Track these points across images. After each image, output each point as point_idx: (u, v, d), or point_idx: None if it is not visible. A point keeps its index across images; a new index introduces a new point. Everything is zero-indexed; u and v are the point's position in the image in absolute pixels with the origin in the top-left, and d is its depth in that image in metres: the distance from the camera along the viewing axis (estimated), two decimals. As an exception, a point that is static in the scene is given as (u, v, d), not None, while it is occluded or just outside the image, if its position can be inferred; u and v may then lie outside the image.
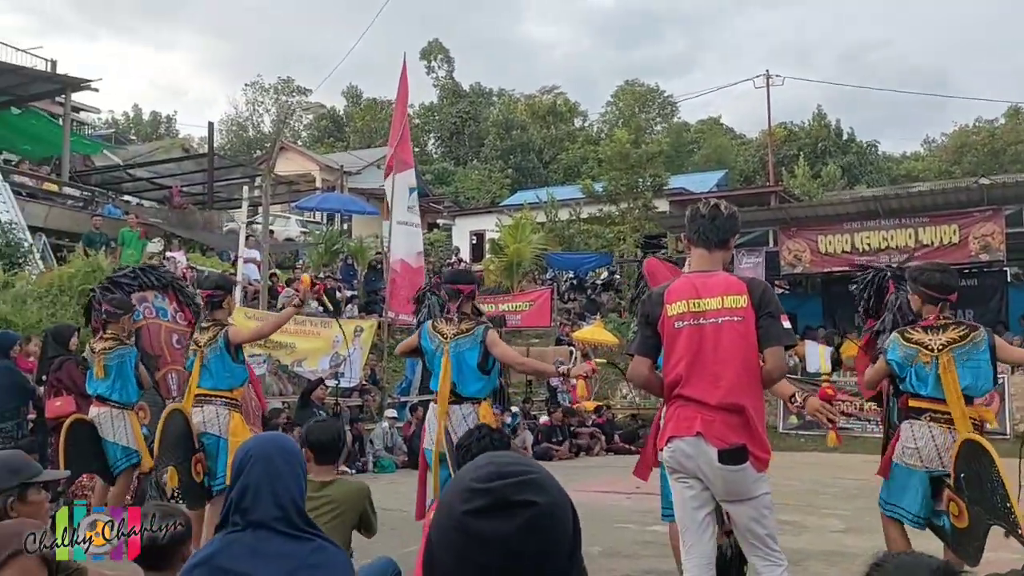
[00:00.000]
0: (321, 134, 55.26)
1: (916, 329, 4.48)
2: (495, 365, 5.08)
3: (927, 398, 4.35)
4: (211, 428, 5.60)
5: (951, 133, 52.51)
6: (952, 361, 4.27)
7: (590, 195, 28.63)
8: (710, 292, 3.30)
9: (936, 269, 4.56)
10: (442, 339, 5.04)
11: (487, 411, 5.01)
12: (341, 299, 18.90)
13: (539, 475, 1.17)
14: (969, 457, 4.14)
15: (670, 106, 55.73)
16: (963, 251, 16.95)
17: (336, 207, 27.73)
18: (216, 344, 5.63)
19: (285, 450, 2.30)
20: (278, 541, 2.15)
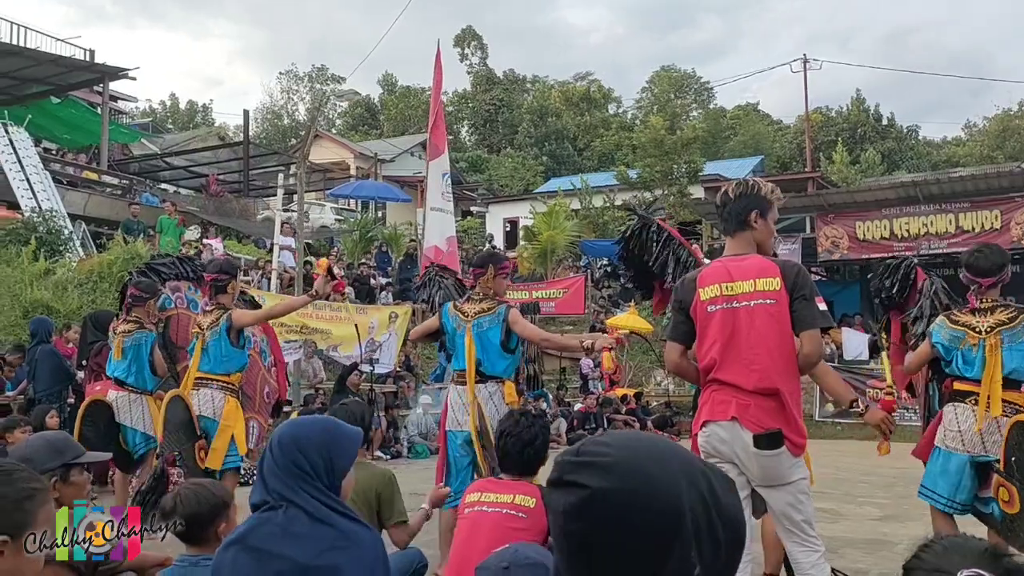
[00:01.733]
0: (355, 122, 55.53)
1: (963, 312, 4.43)
2: (518, 343, 5.05)
3: (973, 380, 4.29)
4: (205, 411, 5.66)
5: (993, 117, 51.46)
6: (999, 343, 4.21)
7: (624, 182, 28.47)
8: (743, 275, 3.25)
9: (974, 250, 4.48)
10: (463, 318, 5.02)
11: (511, 390, 4.98)
12: (376, 286, 19.01)
13: (612, 459, 1.10)
14: (1022, 438, 4.05)
15: (706, 92, 55.24)
16: (1005, 237, 16.60)
17: (370, 195, 27.83)
18: (217, 327, 5.67)
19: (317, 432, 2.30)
20: (308, 521, 2.16)
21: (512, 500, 3.26)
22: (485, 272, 5.15)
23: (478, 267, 5.24)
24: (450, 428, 5.07)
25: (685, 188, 26.75)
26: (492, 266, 5.17)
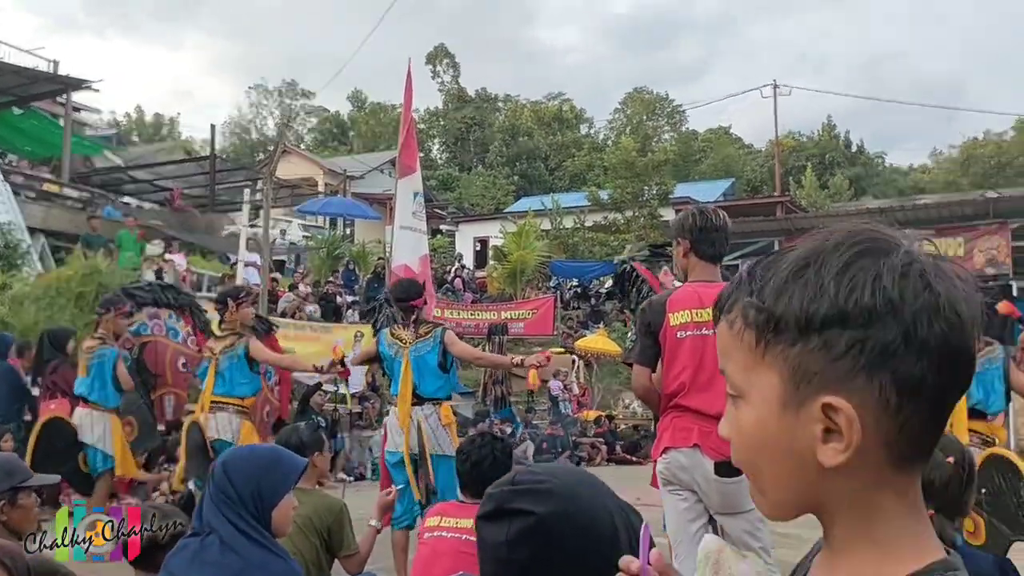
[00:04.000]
0: (325, 138, 55.30)
1: None
2: (453, 364, 5.26)
3: None
4: (224, 435, 5.68)
5: (959, 146, 52.37)
6: None
7: (595, 203, 28.51)
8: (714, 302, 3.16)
9: None
10: (401, 345, 5.18)
11: (447, 411, 5.15)
12: (342, 304, 18.79)
13: (552, 484, 1.15)
14: (994, 472, 4.07)
15: (679, 114, 55.67)
16: (968, 264, 16.75)
17: (339, 212, 27.62)
18: (234, 352, 5.74)
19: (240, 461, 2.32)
20: (219, 550, 2.13)
21: (471, 525, 3.17)
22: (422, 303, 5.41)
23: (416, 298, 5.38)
24: (389, 449, 5.20)
25: (656, 210, 26.84)
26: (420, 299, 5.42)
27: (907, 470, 0.77)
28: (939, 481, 1.87)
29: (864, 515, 0.78)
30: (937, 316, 0.72)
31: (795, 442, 0.77)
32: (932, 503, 1.83)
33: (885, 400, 0.73)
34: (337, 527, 3.67)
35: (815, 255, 0.76)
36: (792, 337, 0.75)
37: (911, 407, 0.73)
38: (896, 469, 0.77)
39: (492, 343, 18.06)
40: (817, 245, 0.78)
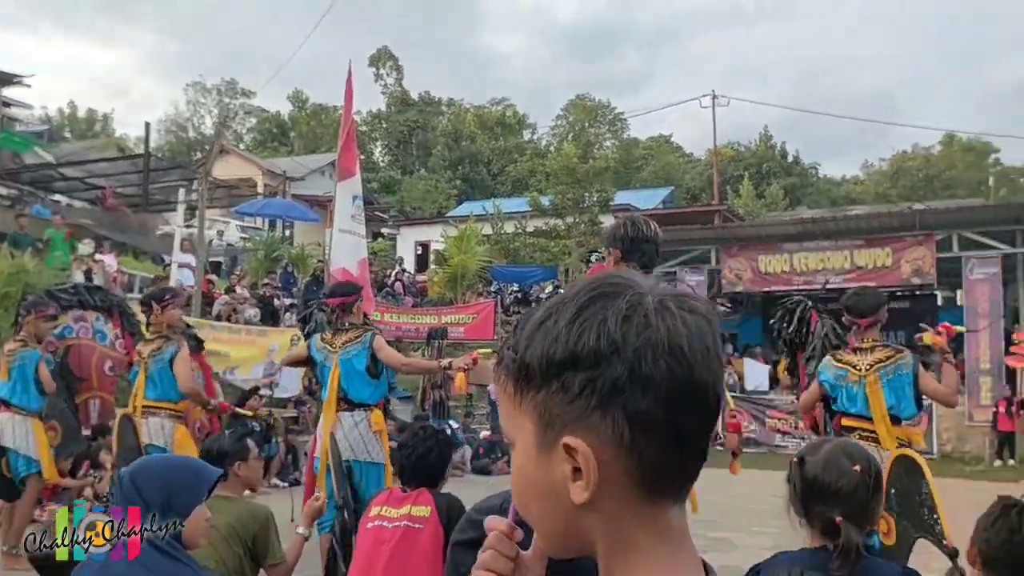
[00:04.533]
0: (265, 138, 54.54)
1: (846, 351, 4.65)
2: (384, 370, 5.23)
3: (856, 416, 4.49)
4: (156, 440, 5.58)
5: (890, 159, 53.97)
6: (878, 380, 4.42)
7: (537, 208, 28.68)
8: None
9: (853, 293, 4.72)
10: (331, 350, 5.18)
11: (379, 418, 5.13)
12: (280, 307, 18.56)
13: None
14: (902, 472, 4.23)
15: (620, 122, 56.27)
16: (895, 274, 17.30)
17: (278, 213, 27.26)
18: (161, 355, 5.63)
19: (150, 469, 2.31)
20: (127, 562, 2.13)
21: (408, 512, 3.27)
22: (356, 299, 5.36)
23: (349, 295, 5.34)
24: (317, 455, 5.19)
25: (596, 217, 27.10)
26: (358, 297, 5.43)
27: (659, 503, 0.80)
28: (846, 488, 1.95)
29: (619, 548, 0.81)
30: (659, 353, 0.76)
31: (552, 484, 0.80)
32: (839, 510, 1.91)
33: (619, 435, 0.76)
34: (262, 535, 3.61)
35: (557, 304, 0.81)
36: (538, 383, 0.79)
37: (645, 440, 0.76)
38: (648, 502, 0.79)
39: (432, 347, 18.02)
40: (563, 294, 0.83)
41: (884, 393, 4.38)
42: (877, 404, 4.37)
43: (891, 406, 4.37)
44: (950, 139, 50.85)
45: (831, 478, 1.96)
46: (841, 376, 4.54)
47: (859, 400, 4.45)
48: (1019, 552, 1.92)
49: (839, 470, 1.96)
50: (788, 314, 5.42)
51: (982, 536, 2.00)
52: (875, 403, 4.38)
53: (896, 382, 4.38)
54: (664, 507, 0.81)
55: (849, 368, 4.52)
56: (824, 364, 4.69)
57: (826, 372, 4.63)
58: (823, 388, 4.64)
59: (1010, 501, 2.01)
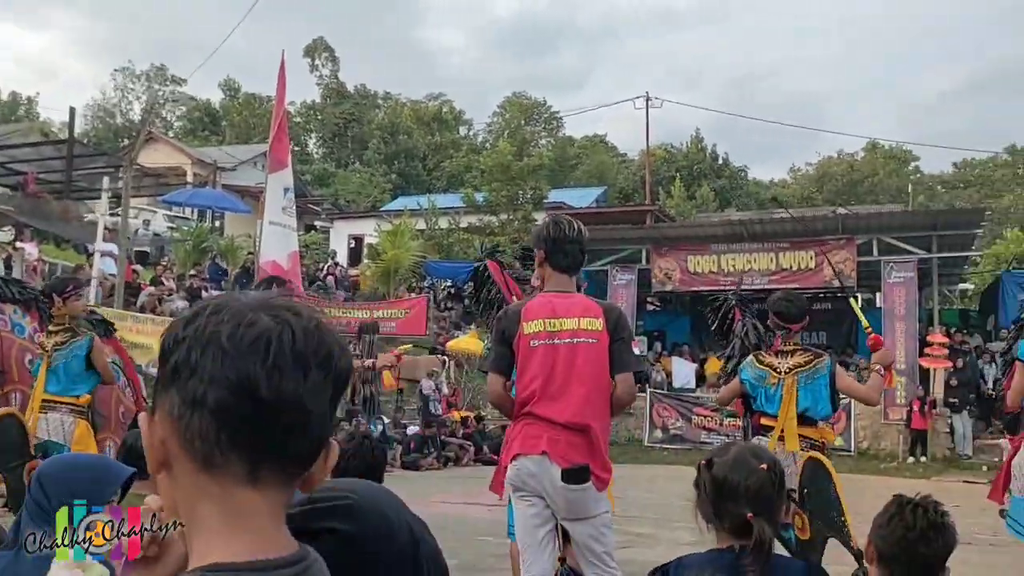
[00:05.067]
0: (195, 126, 53.35)
1: (769, 353, 4.77)
2: None
3: (773, 416, 4.61)
4: (55, 436, 5.43)
5: (816, 163, 55.36)
6: (795, 383, 4.54)
7: (471, 205, 28.70)
8: (567, 313, 3.32)
9: (783, 298, 4.78)
10: None
11: None
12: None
13: (354, 500, 1.15)
14: (812, 473, 4.37)
15: (556, 121, 56.58)
16: (818, 276, 17.81)
17: (207, 203, 26.79)
18: (70, 349, 5.47)
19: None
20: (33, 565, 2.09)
21: None
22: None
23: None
24: None
25: (529, 214, 27.24)
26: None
27: (221, 479, 0.88)
28: (755, 486, 2.02)
29: (188, 517, 0.92)
30: (202, 344, 0.86)
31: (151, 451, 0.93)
32: (749, 507, 1.99)
33: (175, 412, 0.88)
34: None
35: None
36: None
37: (194, 418, 0.86)
38: (209, 477, 0.88)
39: (363, 342, 17.89)
40: None
41: (799, 396, 4.52)
42: (789, 407, 4.51)
43: (807, 408, 4.51)
44: (873, 147, 52.46)
45: (740, 477, 2.01)
46: (761, 377, 4.67)
47: (776, 401, 4.59)
48: (914, 549, 2.00)
49: (748, 469, 2.03)
50: (714, 311, 5.59)
51: (879, 534, 2.07)
52: (786, 405, 4.52)
53: (814, 385, 4.53)
54: (229, 484, 0.88)
55: (770, 370, 4.64)
56: (746, 363, 4.81)
57: (747, 372, 4.75)
58: (743, 386, 4.76)
59: (904, 499, 2.08)
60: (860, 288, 19.80)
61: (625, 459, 15.52)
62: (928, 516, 2.03)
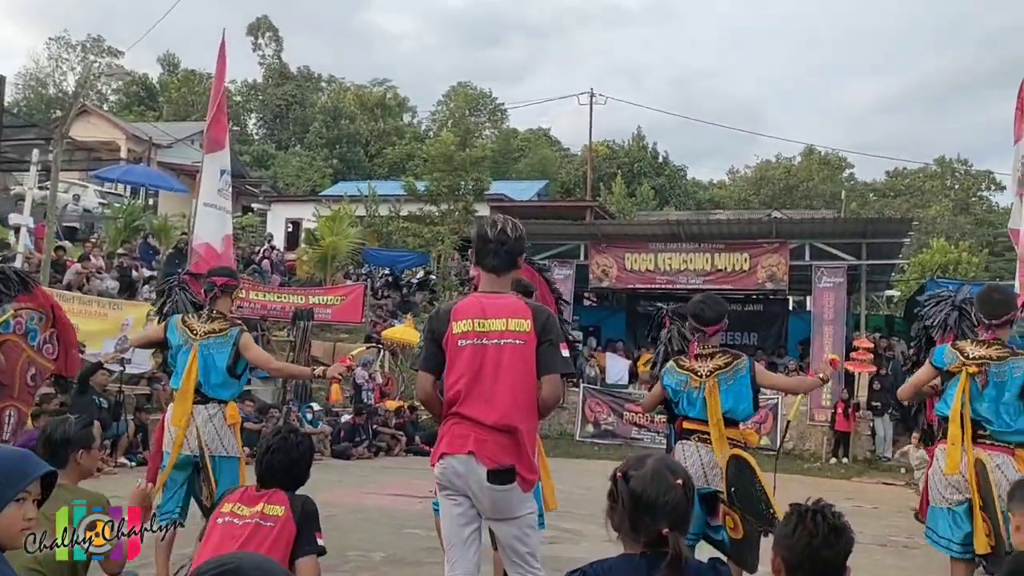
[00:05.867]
0: (131, 100, 51.91)
1: (689, 357, 4.82)
2: (246, 369, 5.04)
3: (695, 420, 4.67)
4: None
5: (754, 166, 56.37)
6: (716, 386, 4.60)
7: (412, 193, 28.53)
8: (496, 313, 3.34)
9: (700, 301, 4.86)
10: (191, 335, 4.92)
11: (234, 411, 4.96)
12: (138, 279, 17.81)
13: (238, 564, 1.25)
14: (737, 471, 4.44)
15: (500, 112, 56.56)
16: (751, 278, 18.16)
17: (141, 181, 26.15)
18: None
19: None
20: None
21: (261, 510, 3.26)
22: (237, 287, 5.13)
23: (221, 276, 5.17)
24: (166, 448, 4.94)
25: (470, 205, 27.20)
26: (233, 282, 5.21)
27: None
28: (672, 502, 2.05)
29: None
30: None
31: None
32: (666, 521, 2.03)
33: None
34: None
35: None
36: None
37: None
38: None
39: (297, 328, 17.71)
40: None
41: (721, 398, 4.59)
42: (713, 409, 4.57)
43: (729, 409, 4.59)
44: (810, 152, 53.63)
45: (659, 492, 2.04)
46: (682, 381, 4.71)
47: (698, 404, 4.63)
48: (820, 556, 2.03)
49: (666, 484, 2.05)
50: (649, 320, 5.71)
51: (783, 544, 2.08)
52: (711, 407, 4.58)
53: (735, 387, 4.61)
54: None
55: (690, 374, 4.70)
56: (668, 369, 4.86)
57: (669, 377, 4.80)
58: (666, 392, 4.81)
59: (803, 507, 2.10)
60: (792, 292, 20.27)
61: (556, 453, 15.62)
62: (828, 521, 2.06)
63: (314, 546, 3.25)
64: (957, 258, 31.00)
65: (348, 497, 9.59)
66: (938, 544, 4.57)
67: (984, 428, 4.42)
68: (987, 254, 36.25)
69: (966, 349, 4.53)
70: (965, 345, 4.58)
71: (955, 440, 4.41)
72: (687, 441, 4.67)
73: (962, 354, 4.51)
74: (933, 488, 4.62)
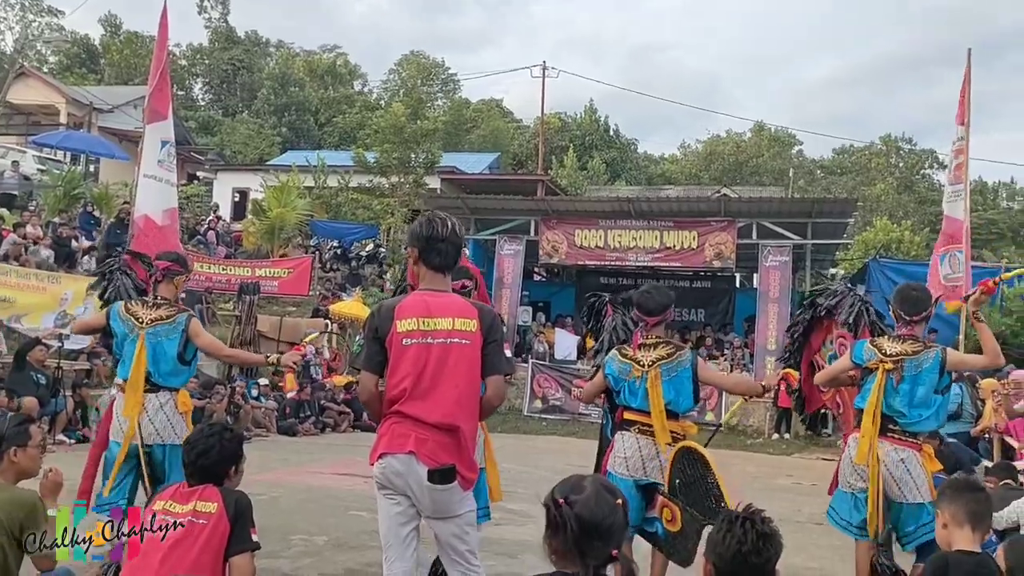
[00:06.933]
0: (72, 63, 50.27)
1: (632, 347, 4.80)
2: (195, 355, 4.94)
3: (636, 410, 4.67)
4: None
5: (704, 141, 56.77)
6: (658, 377, 4.61)
7: (361, 165, 28.18)
8: (442, 312, 3.32)
9: (645, 290, 4.88)
10: (137, 324, 4.79)
11: (185, 399, 4.88)
12: (78, 250, 17.37)
13: None
14: (686, 463, 4.45)
15: (453, 82, 56.02)
16: (699, 256, 18.35)
17: (81, 147, 25.38)
18: None
19: None
20: None
21: (193, 508, 3.23)
22: (182, 274, 5.00)
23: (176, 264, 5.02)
24: (114, 438, 4.84)
25: (421, 177, 26.97)
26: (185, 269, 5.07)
27: None
28: (618, 523, 2.06)
29: None
30: None
31: None
32: (613, 543, 2.03)
33: None
34: (30, 524, 3.38)
35: None
36: None
37: None
38: None
39: (243, 302, 17.46)
40: None
41: (663, 389, 4.59)
42: (656, 399, 4.58)
43: (670, 401, 4.61)
44: (760, 129, 54.18)
45: (604, 515, 2.04)
46: (625, 371, 4.71)
47: (640, 394, 4.64)
48: (751, 562, 2.07)
49: (609, 506, 2.06)
50: (589, 308, 5.70)
51: (714, 551, 2.12)
52: (654, 398, 4.58)
53: (676, 379, 4.63)
54: None
55: (633, 364, 4.70)
56: (610, 357, 4.85)
57: (611, 366, 4.79)
58: (608, 381, 4.81)
59: (733, 515, 2.15)
60: (739, 269, 20.53)
61: (504, 428, 15.73)
62: (757, 528, 2.10)
63: (248, 543, 3.24)
64: (900, 237, 31.63)
65: (293, 476, 9.52)
66: (838, 524, 4.75)
67: (895, 423, 4.57)
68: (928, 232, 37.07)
69: (884, 346, 4.67)
70: (883, 342, 4.71)
71: (867, 433, 4.55)
72: (627, 432, 4.68)
73: (880, 351, 4.64)
74: (842, 473, 4.79)
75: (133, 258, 5.78)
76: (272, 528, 6.42)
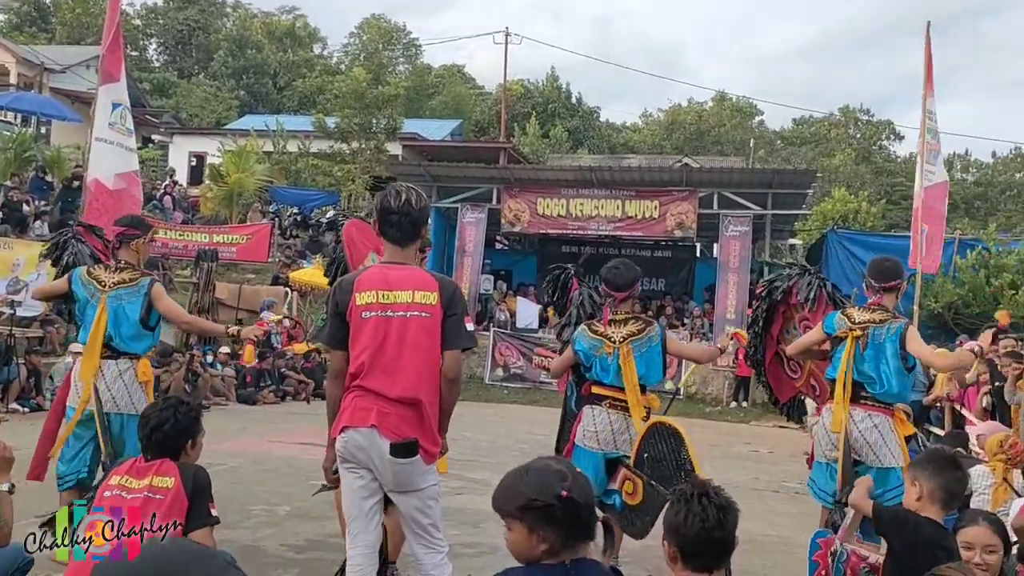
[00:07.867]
0: (21, 21, 48.70)
1: (601, 322, 4.81)
2: (159, 321, 4.84)
3: (608, 386, 4.70)
4: None
5: (666, 110, 56.78)
6: (631, 352, 4.63)
7: (321, 130, 27.78)
8: (402, 285, 3.28)
9: (612, 266, 4.88)
10: (99, 287, 4.69)
11: (146, 367, 4.78)
12: (30, 213, 16.96)
13: None
14: (658, 438, 4.48)
15: (415, 47, 55.28)
16: (661, 226, 18.44)
17: (32, 109, 24.71)
18: None
19: None
20: None
21: (150, 483, 3.21)
22: (140, 236, 4.87)
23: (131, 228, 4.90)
24: (71, 404, 4.74)
25: (382, 144, 26.66)
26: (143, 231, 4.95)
27: None
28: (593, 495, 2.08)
29: None
30: None
31: None
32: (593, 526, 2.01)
33: None
34: None
35: None
36: None
37: None
38: None
39: (201, 269, 17.19)
40: None
41: (636, 364, 4.63)
42: (630, 375, 4.62)
43: (641, 376, 4.65)
44: (722, 98, 54.31)
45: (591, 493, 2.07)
46: (595, 347, 4.74)
47: (612, 370, 4.67)
48: (715, 536, 2.04)
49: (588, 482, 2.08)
50: (553, 281, 5.67)
51: (677, 533, 2.06)
52: (628, 374, 4.62)
53: (647, 354, 4.67)
54: None
55: (604, 339, 4.72)
56: (579, 333, 4.86)
57: (581, 342, 4.81)
58: (578, 356, 4.83)
59: (688, 492, 2.09)
60: (700, 239, 20.66)
61: (465, 397, 15.66)
62: (714, 501, 2.06)
63: (208, 518, 3.23)
64: (857, 207, 32.00)
65: (253, 446, 9.45)
66: (817, 496, 4.82)
67: (866, 389, 4.64)
68: (885, 203, 37.58)
69: (853, 315, 4.74)
70: (852, 312, 4.79)
71: (840, 400, 4.63)
72: (598, 406, 4.71)
73: (849, 320, 4.72)
74: (817, 443, 4.86)
75: (86, 230, 5.63)
76: (232, 498, 6.38)
